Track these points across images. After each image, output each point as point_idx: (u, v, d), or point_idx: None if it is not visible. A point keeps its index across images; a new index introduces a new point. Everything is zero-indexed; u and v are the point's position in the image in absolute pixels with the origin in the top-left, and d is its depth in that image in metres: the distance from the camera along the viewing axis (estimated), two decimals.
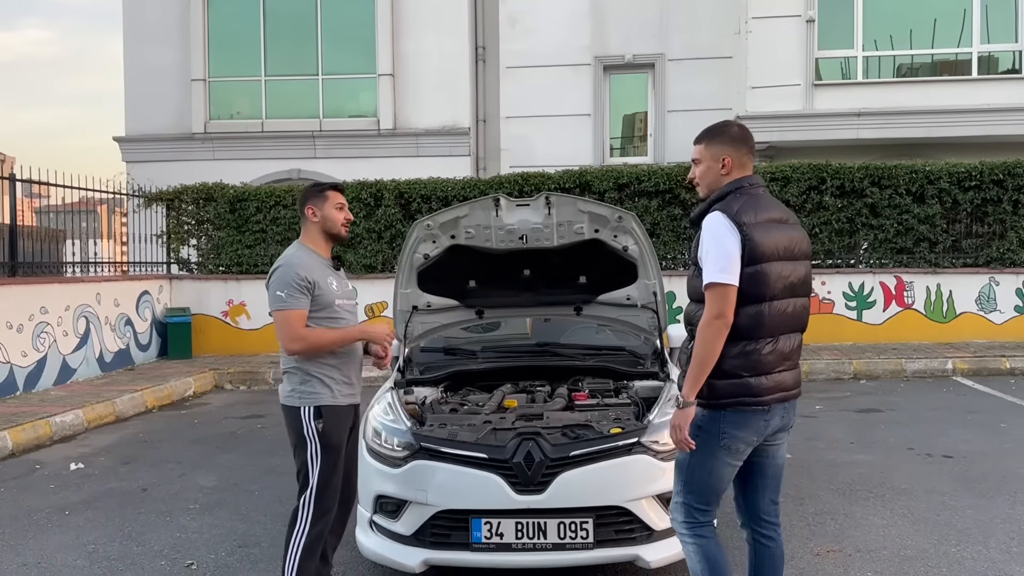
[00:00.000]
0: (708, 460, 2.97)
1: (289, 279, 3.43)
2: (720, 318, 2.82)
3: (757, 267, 2.86)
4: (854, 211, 11.32)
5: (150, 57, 15.53)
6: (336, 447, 3.51)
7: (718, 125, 3.15)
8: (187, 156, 15.09)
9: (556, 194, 4.58)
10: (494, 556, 3.71)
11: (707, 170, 3.09)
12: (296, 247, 3.61)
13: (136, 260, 11.99)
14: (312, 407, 3.46)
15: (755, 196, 3.00)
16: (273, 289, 3.46)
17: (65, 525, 5.11)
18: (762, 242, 2.87)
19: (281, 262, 3.51)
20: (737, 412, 2.90)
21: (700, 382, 2.87)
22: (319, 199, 3.60)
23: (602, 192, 11.45)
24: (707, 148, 3.09)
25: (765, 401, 2.92)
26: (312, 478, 3.45)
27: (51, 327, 9.37)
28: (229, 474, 6.20)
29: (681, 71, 15.19)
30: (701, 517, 3.06)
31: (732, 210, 2.90)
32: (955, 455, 6.21)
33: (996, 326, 11.23)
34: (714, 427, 2.92)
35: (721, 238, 2.86)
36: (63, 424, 7.67)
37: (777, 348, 2.95)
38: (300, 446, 3.48)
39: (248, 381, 10.32)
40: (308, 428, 3.45)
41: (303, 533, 3.44)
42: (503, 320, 5.41)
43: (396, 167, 13.18)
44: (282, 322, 3.44)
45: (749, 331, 2.88)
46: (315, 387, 3.48)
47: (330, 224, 3.60)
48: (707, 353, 2.84)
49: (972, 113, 13.16)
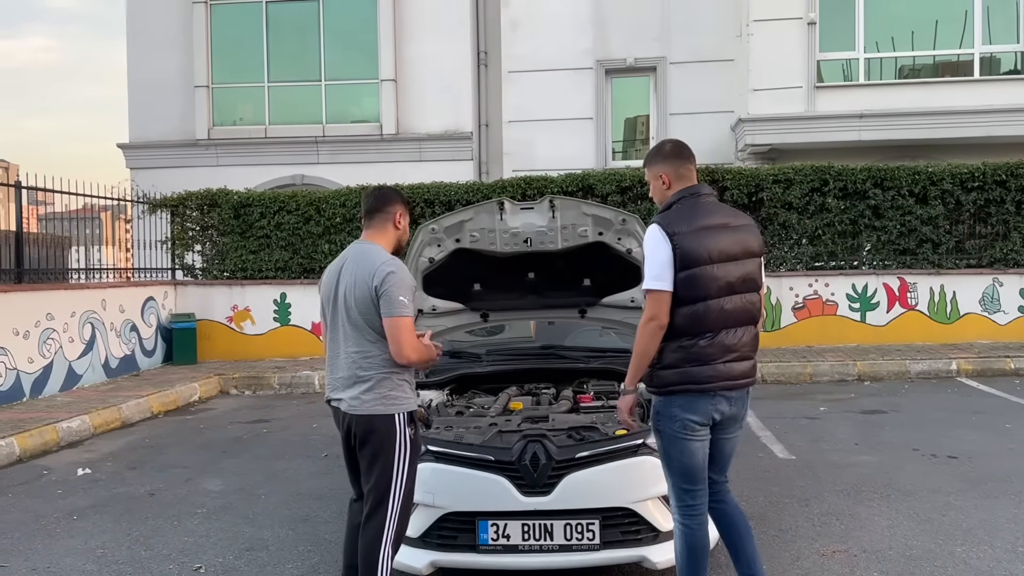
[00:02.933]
0: (674, 440, 3.27)
1: (410, 284, 3.31)
2: (654, 320, 3.17)
3: (690, 271, 3.16)
4: (857, 213, 11.33)
5: (153, 64, 15.61)
6: (419, 451, 3.50)
7: (656, 147, 3.54)
8: (191, 162, 15.15)
9: (560, 197, 4.61)
10: (501, 558, 3.74)
11: (654, 188, 3.47)
12: (380, 249, 3.43)
13: (141, 266, 12.03)
14: (406, 413, 3.37)
15: (693, 206, 3.30)
16: (394, 293, 3.24)
17: (73, 530, 5.14)
18: (693, 249, 3.17)
19: (392, 266, 3.31)
20: (684, 397, 3.22)
21: (639, 373, 3.26)
22: (405, 211, 3.52)
23: (605, 195, 11.46)
24: (649, 169, 3.47)
25: (708, 388, 3.22)
26: (399, 485, 3.34)
27: (57, 333, 9.41)
28: (235, 478, 6.22)
29: (683, 74, 15.23)
30: (689, 500, 3.29)
31: (666, 221, 3.23)
32: (960, 456, 6.22)
33: (1000, 327, 11.22)
34: (668, 411, 3.25)
35: (654, 248, 3.20)
36: (70, 430, 7.70)
37: (716, 341, 3.22)
38: (388, 453, 3.33)
39: (253, 386, 10.34)
40: (403, 434, 3.34)
41: (390, 540, 3.34)
42: (508, 323, 5.44)
43: (399, 172, 13.20)
44: (405, 329, 3.25)
45: (687, 328, 3.19)
46: (406, 391, 3.39)
47: (405, 236, 3.59)
48: (643, 350, 3.21)
49: (974, 114, 13.16)
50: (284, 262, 11.95)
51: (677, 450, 3.26)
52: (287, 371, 10.61)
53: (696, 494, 3.30)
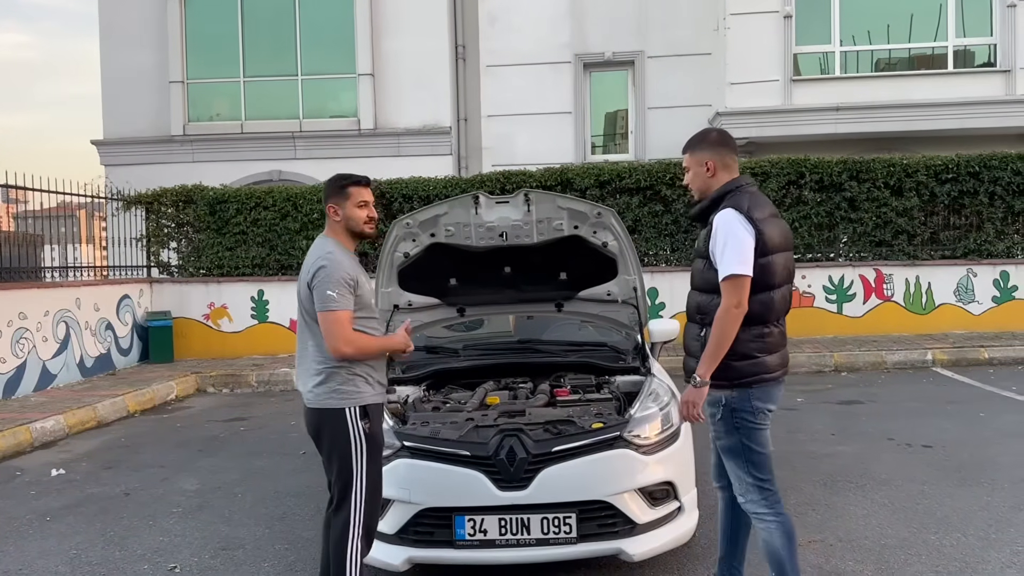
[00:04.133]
0: (754, 433, 3.26)
1: (339, 277, 3.27)
2: (739, 307, 3.11)
3: (768, 258, 3.16)
4: (833, 205, 11.40)
5: (127, 60, 15.42)
6: (380, 445, 3.45)
7: (700, 133, 3.45)
8: (166, 159, 15.02)
9: (535, 191, 4.60)
10: (478, 553, 3.72)
11: (695, 175, 3.40)
12: (331, 242, 3.43)
13: (116, 264, 11.90)
14: (358, 406, 3.33)
15: (754, 194, 3.27)
16: (322, 288, 3.27)
17: (47, 531, 5.08)
18: (771, 235, 3.17)
19: (325, 260, 3.32)
20: (760, 388, 3.22)
21: (716, 363, 3.16)
22: (340, 197, 3.43)
23: (583, 189, 11.47)
24: (692, 156, 3.40)
25: (778, 376, 3.28)
26: (359, 479, 3.33)
27: (30, 332, 9.29)
28: (212, 477, 6.17)
29: (661, 68, 15.27)
30: (771, 488, 3.30)
31: (743, 207, 3.17)
32: (935, 445, 6.28)
33: (974, 317, 11.34)
34: (747, 404, 3.23)
35: (737, 233, 3.13)
36: (44, 430, 7.61)
37: (780, 329, 3.29)
38: (342, 448, 3.33)
39: (231, 384, 10.27)
40: (355, 428, 3.32)
41: (357, 536, 3.32)
42: (485, 318, 5.42)
43: (377, 167, 13.08)
44: (334, 323, 3.26)
45: (761, 316, 3.18)
46: (359, 386, 3.35)
47: (353, 223, 3.44)
48: (725, 337, 3.13)
49: (948, 107, 13.29)
50: (261, 259, 11.86)
51: (758, 442, 3.25)
52: (265, 369, 10.54)
53: (773, 482, 3.30)
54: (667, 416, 4.05)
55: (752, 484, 3.28)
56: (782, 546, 3.27)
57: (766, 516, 3.28)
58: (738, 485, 3.33)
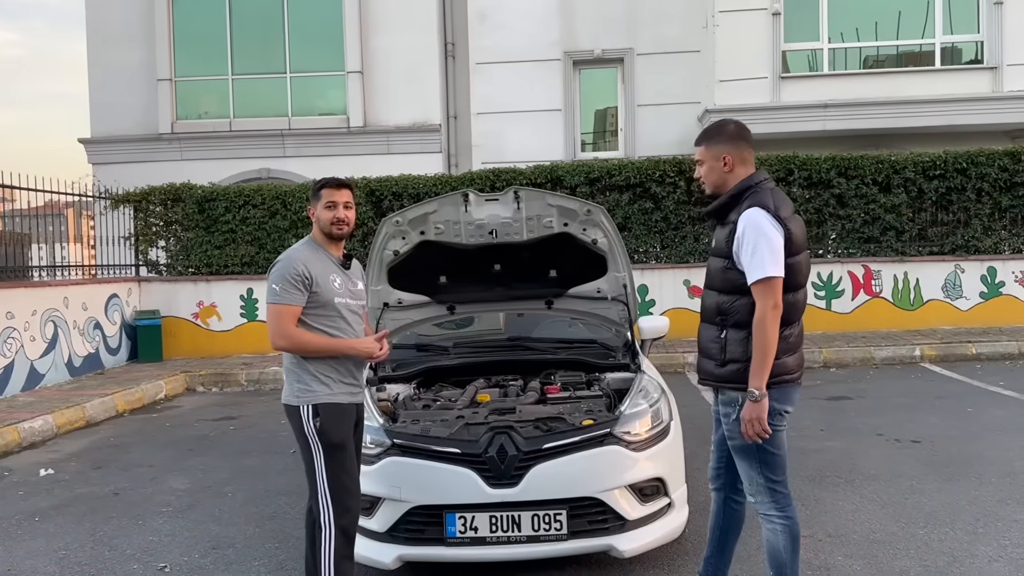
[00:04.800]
0: (772, 435, 3.16)
1: (286, 273, 3.37)
2: (776, 307, 3.03)
3: (795, 258, 3.10)
4: (821, 202, 11.45)
5: (115, 57, 15.35)
6: (338, 445, 3.43)
7: (716, 125, 3.31)
8: (154, 157, 14.96)
9: (525, 188, 4.60)
10: (469, 550, 3.73)
11: (710, 169, 3.26)
12: (304, 242, 3.56)
13: (104, 263, 11.84)
14: (310, 405, 3.40)
15: (776, 191, 3.18)
16: (269, 282, 3.42)
17: (35, 531, 5.05)
18: (797, 235, 3.11)
19: (282, 256, 3.48)
20: (780, 389, 3.14)
21: (768, 370, 3.05)
22: (315, 198, 3.54)
23: (573, 187, 11.48)
24: (707, 149, 3.25)
25: (797, 376, 3.21)
26: (321, 478, 3.39)
27: (18, 332, 9.24)
28: (202, 476, 6.16)
29: (650, 65, 15.28)
30: (783, 490, 3.24)
31: (770, 206, 3.06)
32: (923, 440, 6.32)
33: (962, 312, 11.41)
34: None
35: (768, 233, 3.02)
36: (32, 430, 7.57)
37: (800, 330, 3.23)
38: (304, 447, 3.44)
39: (220, 383, 10.24)
40: (308, 427, 3.40)
41: (330, 536, 3.37)
42: (475, 315, 5.42)
43: (367, 165, 13.15)
44: (272, 316, 3.38)
45: (787, 317, 3.10)
46: (312, 385, 3.41)
47: (322, 224, 3.52)
48: (770, 343, 3.03)
49: (936, 103, 13.37)
50: (250, 257, 11.82)
51: (774, 444, 3.17)
52: (255, 367, 10.51)
53: (786, 483, 3.24)
54: (657, 413, 4.06)
55: (764, 485, 3.22)
56: (785, 548, 3.23)
57: (775, 517, 3.23)
58: (749, 485, 3.27)
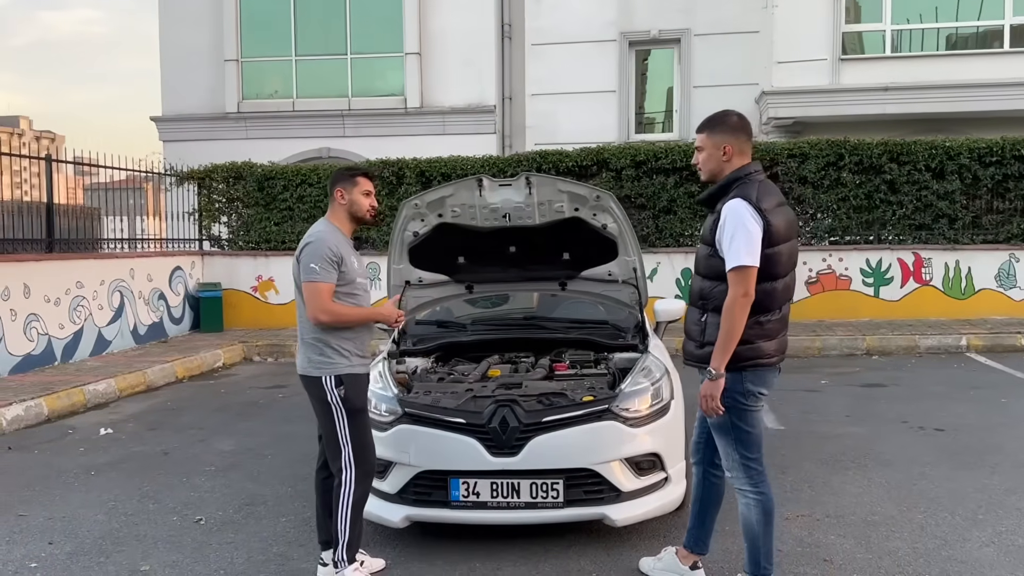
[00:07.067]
0: (744, 414, 3.34)
1: (322, 253, 3.61)
2: (747, 296, 3.17)
3: (774, 249, 3.21)
4: (872, 187, 11.30)
5: (185, 38, 15.95)
6: (360, 410, 3.73)
7: (719, 114, 3.42)
8: (221, 135, 15.51)
9: (536, 175, 4.80)
10: (470, 513, 4.01)
11: (709, 157, 3.38)
12: (324, 224, 3.78)
13: (169, 236, 12.44)
14: (332, 375, 3.64)
15: (764, 183, 3.30)
16: (306, 261, 3.63)
17: (90, 485, 5.51)
18: (778, 226, 3.21)
19: (312, 237, 3.69)
20: (754, 372, 3.30)
21: (728, 353, 3.21)
22: (349, 183, 3.78)
23: (619, 169, 11.58)
24: (709, 137, 3.37)
25: (774, 361, 3.35)
26: (346, 443, 3.65)
27: (87, 301, 9.84)
28: (246, 439, 6.57)
29: (707, 46, 15.20)
30: (757, 467, 3.39)
31: (752, 197, 3.20)
32: (947, 428, 6.33)
33: (1015, 303, 11.16)
34: (739, 386, 3.29)
35: (746, 223, 3.17)
36: (96, 392, 8.12)
37: (781, 316, 3.34)
38: (326, 414, 3.68)
39: (275, 353, 10.72)
40: (332, 395, 3.64)
41: (349, 494, 3.64)
42: (493, 294, 5.67)
43: (423, 145, 13.41)
44: (314, 293, 3.60)
45: (763, 305, 3.24)
46: (333, 357, 3.65)
47: (356, 208, 3.78)
48: (735, 328, 3.19)
49: (1002, 87, 12.97)
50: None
51: (748, 422, 3.33)
52: None
53: (761, 460, 3.39)
54: (657, 391, 4.24)
55: (738, 461, 3.38)
56: (758, 522, 3.39)
57: (748, 492, 3.39)
58: (726, 461, 3.45)
